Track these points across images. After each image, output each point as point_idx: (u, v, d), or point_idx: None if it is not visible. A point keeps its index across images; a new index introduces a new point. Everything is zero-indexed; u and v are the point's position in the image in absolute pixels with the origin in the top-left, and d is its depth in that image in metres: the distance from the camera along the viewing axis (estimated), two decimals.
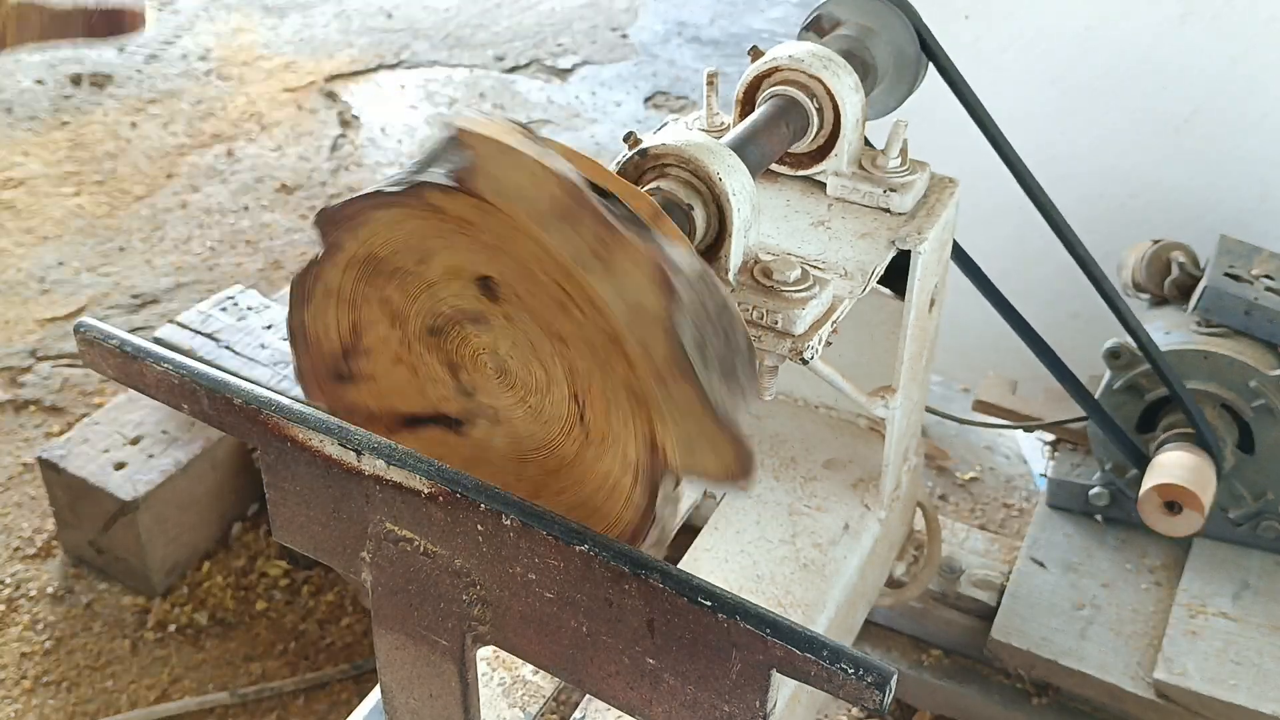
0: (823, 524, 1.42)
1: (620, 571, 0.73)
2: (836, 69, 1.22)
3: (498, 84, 3.76)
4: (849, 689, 0.67)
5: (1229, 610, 1.71)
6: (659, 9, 4.26)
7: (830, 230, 1.21)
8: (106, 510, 1.94)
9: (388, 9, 4.22)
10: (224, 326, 2.16)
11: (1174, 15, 1.86)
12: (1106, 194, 2.02)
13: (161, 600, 2.00)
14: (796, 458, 1.53)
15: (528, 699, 1.21)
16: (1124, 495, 1.81)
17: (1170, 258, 1.80)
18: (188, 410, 0.88)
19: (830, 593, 1.34)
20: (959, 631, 1.77)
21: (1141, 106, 1.94)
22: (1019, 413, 1.97)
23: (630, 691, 0.79)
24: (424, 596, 0.85)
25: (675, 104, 3.67)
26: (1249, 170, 1.91)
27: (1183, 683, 1.61)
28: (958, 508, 2.11)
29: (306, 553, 0.92)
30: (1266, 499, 1.74)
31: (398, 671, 0.92)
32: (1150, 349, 1.56)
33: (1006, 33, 1.99)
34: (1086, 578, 1.80)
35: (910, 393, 1.38)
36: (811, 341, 1.03)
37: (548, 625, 0.80)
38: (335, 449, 0.82)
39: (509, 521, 0.76)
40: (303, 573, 2.04)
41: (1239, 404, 1.67)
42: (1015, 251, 1.91)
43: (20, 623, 1.97)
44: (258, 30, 4.05)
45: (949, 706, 1.75)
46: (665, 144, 1.01)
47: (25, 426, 2.37)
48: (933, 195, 1.28)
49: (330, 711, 1.85)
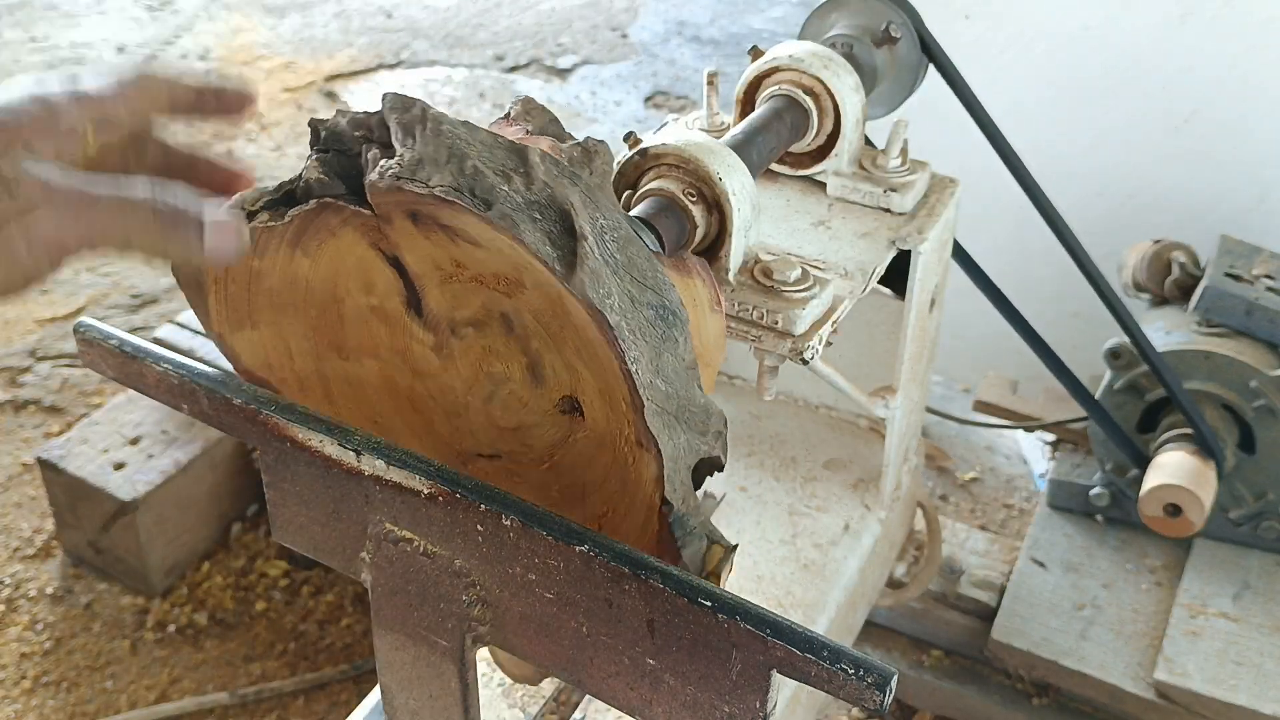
0: (823, 524, 1.42)
1: (620, 572, 0.73)
2: (837, 69, 1.22)
3: (497, 84, 3.76)
4: (849, 689, 0.67)
5: (1229, 611, 1.71)
6: (659, 9, 4.25)
7: (830, 230, 1.21)
8: (106, 510, 1.94)
9: (387, 9, 4.22)
10: None
11: (1174, 15, 1.86)
12: (1106, 194, 2.02)
13: (161, 600, 2.00)
14: (796, 458, 1.53)
15: (528, 699, 1.21)
16: (1124, 495, 1.81)
17: (1171, 258, 1.80)
18: (187, 410, 0.88)
19: (830, 593, 1.34)
20: (959, 632, 1.77)
21: (1141, 106, 1.94)
22: (1019, 413, 1.97)
23: (630, 692, 0.79)
24: (424, 597, 0.85)
25: (675, 104, 3.67)
26: (1249, 170, 1.91)
27: (1183, 683, 1.61)
28: (958, 508, 2.11)
29: (306, 553, 0.92)
30: (1267, 499, 1.74)
31: (397, 672, 0.92)
32: (1148, 349, 1.56)
33: (1006, 33, 1.98)
34: (1087, 578, 1.79)
35: (910, 393, 1.38)
36: (812, 341, 1.03)
37: (548, 626, 0.80)
38: (335, 449, 0.82)
39: (509, 522, 0.76)
40: (302, 573, 2.04)
41: (1239, 404, 1.67)
42: (1016, 251, 1.91)
43: (20, 623, 1.97)
44: (257, 30, 4.05)
45: (949, 707, 1.75)
46: (665, 144, 1.01)
47: (25, 426, 2.37)
48: (933, 195, 1.28)
49: (330, 712, 1.84)
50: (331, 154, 0.76)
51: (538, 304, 0.79)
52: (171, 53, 3.88)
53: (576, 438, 0.86)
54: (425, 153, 0.72)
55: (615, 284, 0.74)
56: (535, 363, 0.83)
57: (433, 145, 0.72)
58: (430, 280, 0.82)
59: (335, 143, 0.76)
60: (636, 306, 0.75)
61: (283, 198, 0.78)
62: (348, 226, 0.78)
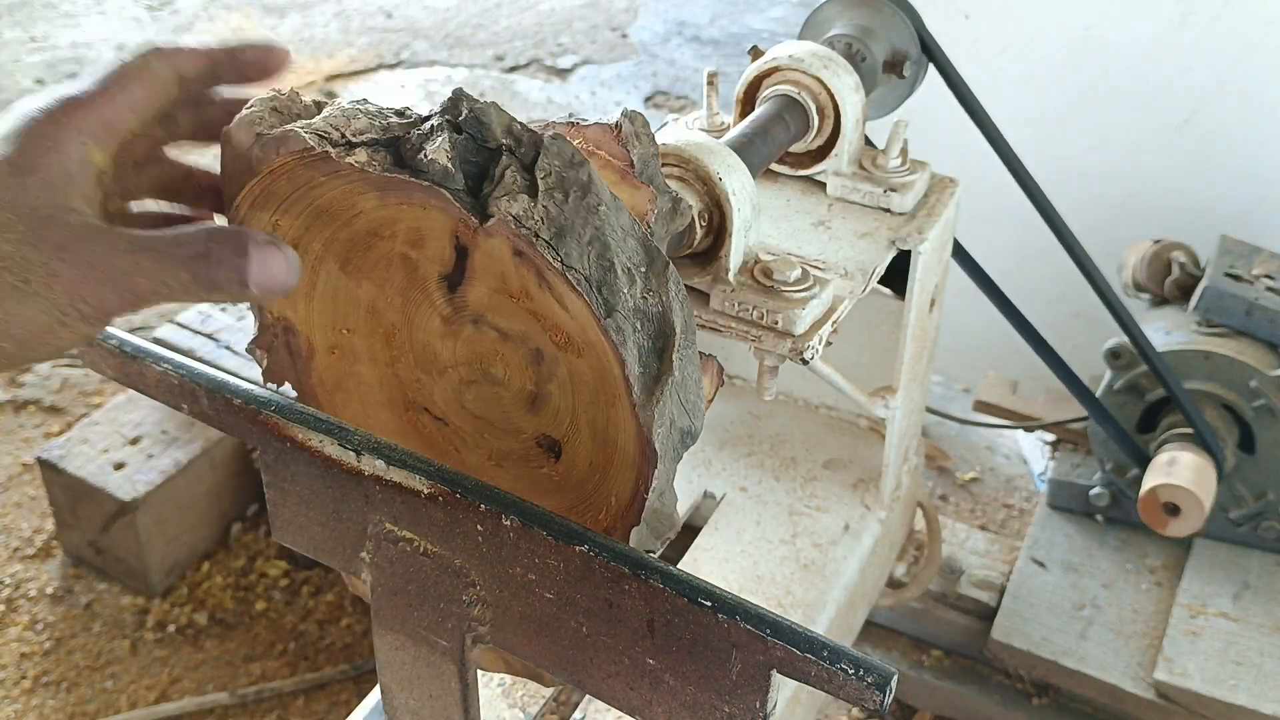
0: (823, 524, 1.42)
1: (620, 572, 0.73)
2: (837, 69, 1.22)
3: (497, 84, 3.76)
4: (849, 689, 0.67)
5: (1229, 610, 1.71)
6: (659, 8, 4.26)
7: (830, 230, 1.21)
8: (106, 510, 1.94)
9: (387, 8, 4.22)
10: (224, 326, 2.16)
11: (1174, 15, 1.86)
12: (1106, 194, 2.02)
13: (161, 600, 2.00)
14: (796, 458, 1.53)
15: (528, 699, 1.21)
16: (1125, 495, 1.81)
17: (1171, 258, 1.80)
18: (187, 410, 0.88)
19: (830, 593, 1.34)
20: (959, 632, 1.77)
21: (1141, 106, 1.94)
22: (1019, 413, 1.97)
23: (630, 692, 0.79)
24: (424, 597, 0.85)
25: (675, 104, 3.67)
26: (1249, 170, 1.91)
27: (1183, 683, 1.61)
28: (958, 508, 2.11)
29: (306, 553, 0.92)
30: (1267, 499, 1.74)
31: (397, 672, 0.92)
32: (1147, 349, 1.56)
33: (1006, 33, 1.98)
34: (1087, 578, 1.79)
35: (910, 393, 1.38)
36: (812, 342, 1.03)
37: (548, 626, 0.80)
38: (335, 449, 0.82)
39: (509, 522, 0.76)
40: (302, 573, 2.04)
41: (1239, 404, 1.67)
42: (1016, 251, 1.91)
43: (20, 623, 1.97)
44: (257, 30, 4.05)
45: (949, 707, 1.75)
46: (665, 144, 1.01)
47: (25, 426, 2.37)
48: (933, 195, 1.27)
49: (330, 712, 1.84)
50: (465, 138, 0.71)
51: (584, 374, 0.78)
52: None
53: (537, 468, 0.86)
54: (570, 221, 0.69)
55: (669, 410, 0.74)
56: (540, 397, 0.83)
57: (581, 219, 0.70)
58: (486, 282, 0.79)
59: (475, 129, 0.71)
60: (672, 430, 0.75)
61: (387, 143, 0.72)
62: (443, 215, 0.75)
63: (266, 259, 0.68)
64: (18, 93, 3.60)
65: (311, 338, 0.89)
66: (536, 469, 0.86)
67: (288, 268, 0.69)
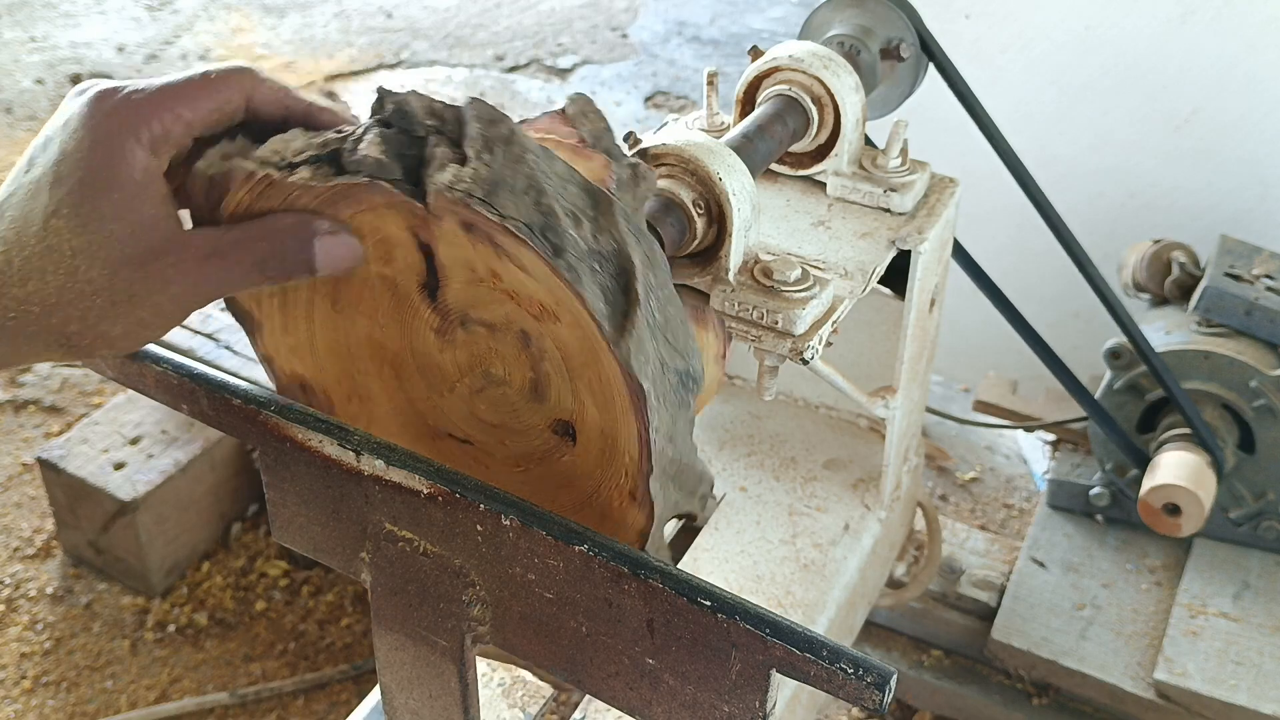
0: (823, 524, 1.42)
1: (620, 572, 0.73)
2: (837, 69, 1.22)
3: (498, 84, 3.76)
4: (849, 689, 0.67)
5: (1229, 610, 1.71)
6: (659, 9, 4.26)
7: (830, 230, 1.21)
8: (106, 510, 1.94)
9: (387, 9, 4.22)
10: (224, 326, 2.16)
11: (1174, 15, 1.86)
12: (1106, 194, 2.02)
13: (161, 600, 2.00)
14: (796, 458, 1.53)
15: (528, 699, 1.21)
16: (1124, 495, 1.81)
17: (1171, 258, 1.80)
18: (187, 410, 0.88)
19: (830, 593, 1.34)
20: (959, 632, 1.77)
21: (1141, 106, 1.94)
22: (1019, 413, 1.97)
23: (630, 692, 0.79)
24: (424, 597, 0.85)
25: (675, 104, 3.67)
26: (1249, 170, 1.91)
27: (1183, 683, 1.61)
28: (958, 508, 2.11)
29: (306, 553, 0.92)
30: (1267, 499, 1.74)
31: (397, 672, 0.92)
32: (1146, 349, 1.56)
33: (1006, 33, 1.98)
34: (1087, 578, 1.79)
35: (910, 393, 1.38)
36: (812, 341, 1.03)
37: (547, 626, 0.80)
38: (334, 449, 0.82)
39: (508, 522, 0.76)
40: (302, 573, 2.04)
41: (1239, 404, 1.67)
42: (1016, 251, 1.91)
43: (20, 623, 1.97)
44: (257, 30, 4.05)
45: (949, 706, 1.75)
46: (665, 144, 1.01)
47: (25, 426, 2.37)
48: (933, 195, 1.27)
49: (330, 712, 1.84)
50: (395, 131, 0.73)
51: (566, 338, 0.78)
52: (171, 53, 3.88)
53: (559, 459, 0.86)
54: (501, 175, 0.70)
55: (653, 348, 0.74)
56: (540, 382, 0.83)
57: (510, 170, 0.70)
58: (458, 277, 0.80)
59: (401, 120, 0.74)
60: (665, 371, 0.75)
61: (328, 156, 0.74)
62: (392, 210, 0.76)
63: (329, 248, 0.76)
64: (17, 92, 3.60)
65: (328, 391, 0.90)
66: (558, 460, 0.86)
67: (351, 253, 0.77)
